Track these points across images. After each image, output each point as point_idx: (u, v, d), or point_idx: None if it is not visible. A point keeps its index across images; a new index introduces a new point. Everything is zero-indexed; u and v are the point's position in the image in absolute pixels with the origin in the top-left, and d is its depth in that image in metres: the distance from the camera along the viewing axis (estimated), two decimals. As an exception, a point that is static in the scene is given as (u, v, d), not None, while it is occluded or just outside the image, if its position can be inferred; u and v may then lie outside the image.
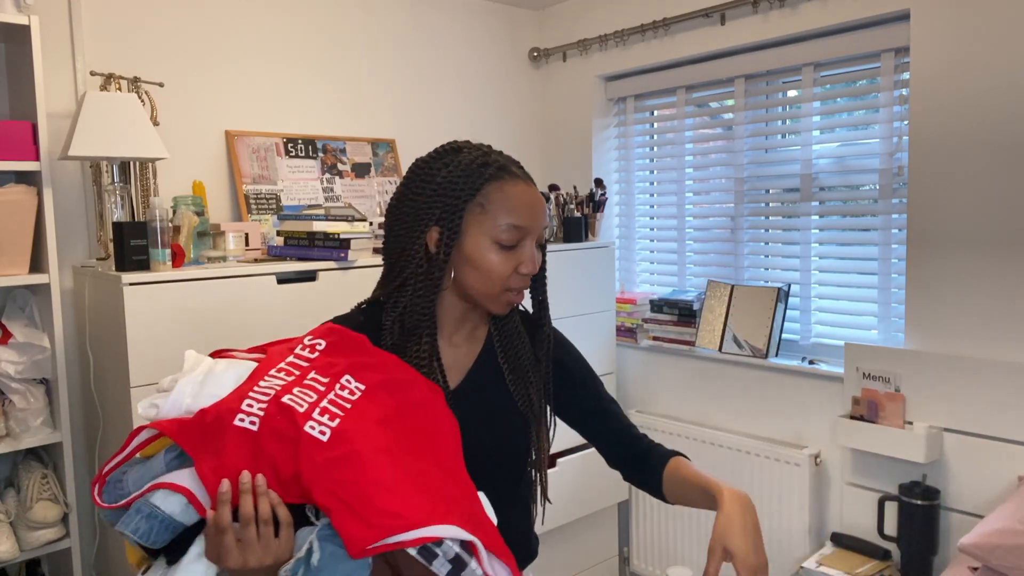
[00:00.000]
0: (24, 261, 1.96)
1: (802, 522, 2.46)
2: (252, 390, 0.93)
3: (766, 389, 2.64)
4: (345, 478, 0.86)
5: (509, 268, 1.08)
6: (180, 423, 0.90)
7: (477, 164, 1.08)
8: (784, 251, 2.68)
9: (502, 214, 1.07)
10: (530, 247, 1.09)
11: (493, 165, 1.08)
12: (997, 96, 2.04)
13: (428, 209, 1.08)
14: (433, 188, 1.08)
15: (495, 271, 1.08)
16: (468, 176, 1.07)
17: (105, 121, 1.96)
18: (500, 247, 1.07)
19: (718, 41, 2.68)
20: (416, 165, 1.13)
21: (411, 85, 2.96)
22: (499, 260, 1.07)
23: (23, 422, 1.99)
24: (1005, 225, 2.05)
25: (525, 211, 1.07)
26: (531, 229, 1.08)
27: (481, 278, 1.08)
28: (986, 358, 2.08)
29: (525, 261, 1.09)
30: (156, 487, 0.87)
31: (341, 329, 1.04)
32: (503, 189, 1.07)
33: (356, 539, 0.83)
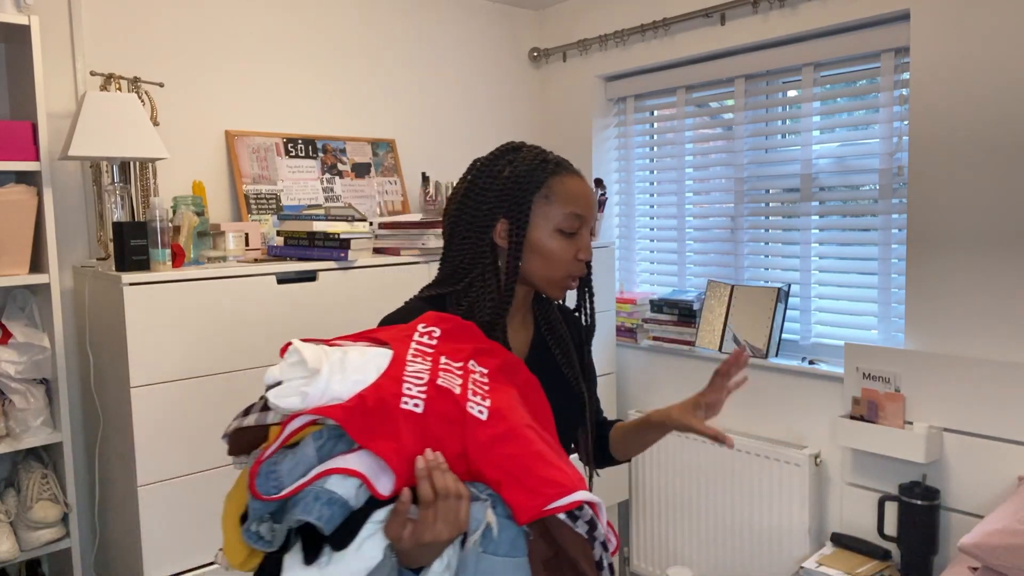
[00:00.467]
0: (24, 261, 1.96)
1: (802, 522, 2.46)
2: (405, 374, 0.96)
3: (766, 389, 2.65)
4: (510, 452, 0.93)
5: (570, 254, 1.19)
6: (344, 409, 0.90)
7: (539, 160, 1.19)
8: (784, 251, 2.68)
9: (564, 204, 1.17)
10: (586, 235, 1.21)
11: (552, 161, 1.20)
12: (997, 96, 2.04)
13: (496, 203, 1.18)
14: (500, 184, 1.18)
15: (558, 257, 1.18)
16: (533, 171, 1.17)
17: (105, 121, 1.96)
18: (562, 235, 1.18)
19: (718, 41, 2.68)
20: (479, 165, 1.22)
21: (411, 85, 2.96)
22: (561, 247, 1.18)
23: (23, 422, 1.99)
24: (1005, 225, 2.05)
25: (583, 201, 1.19)
26: (588, 218, 1.20)
27: (545, 264, 1.19)
28: (986, 358, 2.08)
29: (583, 247, 1.20)
30: (329, 472, 0.87)
31: (452, 316, 1.09)
32: (564, 182, 1.19)
33: (524, 508, 0.91)
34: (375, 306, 2.24)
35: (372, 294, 2.22)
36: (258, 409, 0.97)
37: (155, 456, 1.85)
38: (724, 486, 2.69)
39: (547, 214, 1.17)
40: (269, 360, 2.03)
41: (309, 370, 0.94)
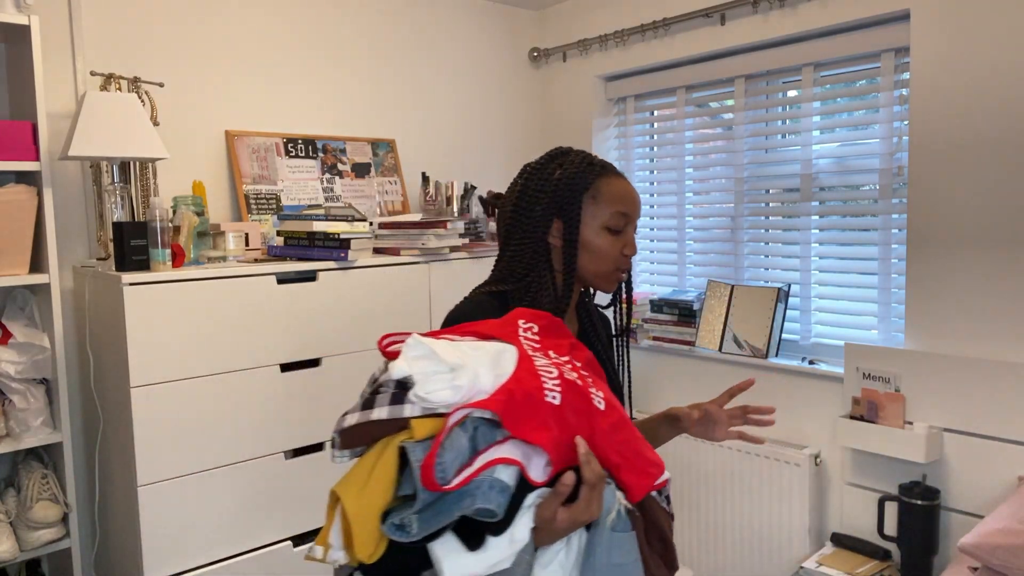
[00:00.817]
0: (24, 261, 1.96)
1: (802, 522, 2.46)
2: (538, 369, 1.02)
3: (766, 389, 2.64)
4: (625, 438, 1.03)
5: (617, 250, 1.27)
6: (500, 402, 0.95)
7: (586, 163, 1.27)
8: (784, 251, 2.68)
9: (611, 203, 1.26)
10: (631, 232, 1.29)
11: (597, 164, 1.28)
12: (997, 96, 2.04)
13: (549, 205, 1.26)
14: (552, 186, 1.26)
15: (606, 253, 1.26)
16: (582, 172, 1.26)
17: (105, 121, 1.96)
18: (609, 232, 1.26)
19: (718, 41, 2.68)
20: (531, 170, 1.29)
21: (411, 85, 2.96)
22: (609, 244, 1.26)
23: (23, 422, 1.99)
24: (1005, 225, 2.05)
25: (629, 200, 1.27)
26: (633, 216, 1.28)
27: (595, 260, 1.27)
28: (986, 358, 2.08)
29: (628, 243, 1.28)
30: (496, 462, 0.93)
31: (544, 313, 1.16)
32: (610, 183, 1.27)
33: (637, 487, 1.03)
34: (375, 306, 2.24)
35: (372, 294, 2.22)
36: (386, 403, 0.97)
37: (155, 456, 1.85)
38: (724, 486, 2.69)
39: (595, 213, 1.25)
40: (269, 360, 2.03)
41: (448, 364, 0.98)
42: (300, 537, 2.12)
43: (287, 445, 2.07)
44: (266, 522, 2.04)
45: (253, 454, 2.01)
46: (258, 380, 2.01)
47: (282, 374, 2.06)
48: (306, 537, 2.13)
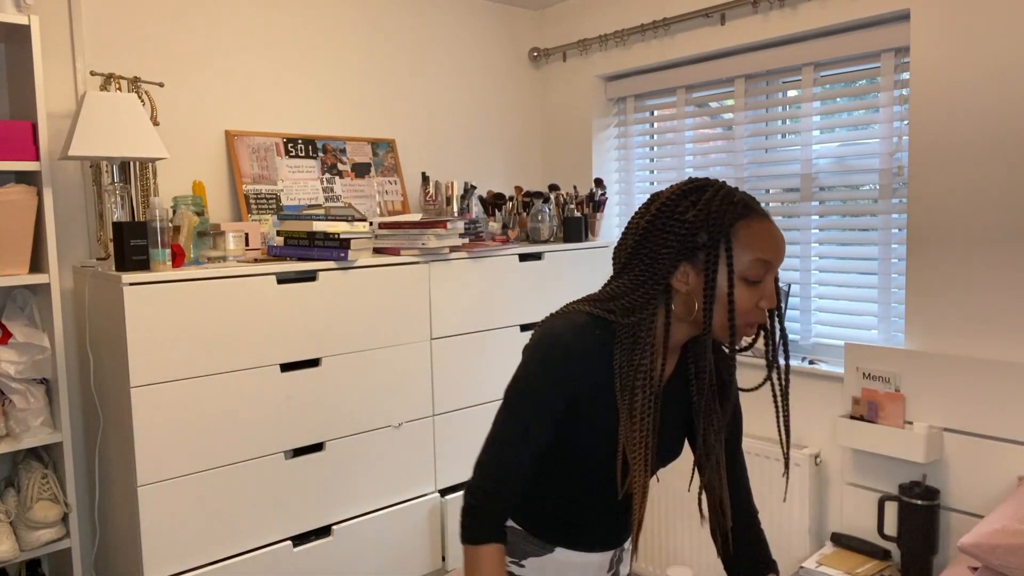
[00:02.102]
0: (24, 261, 1.96)
1: (802, 522, 2.46)
2: None
3: (766, 389, 2.64)
4: None
5: (752, 303, 1.13)
6: None
7: (727, 201, 1.12)
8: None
9: (750, 250, 1.11)
10: (771, 282, 1.14)
11: (739, 204, 1.12)
12: (997, 96, 2.04)
13: (679, 248, 1.12)
14: (684, 227, 1.12)
15: (740, 305, 1.12)
16: (718, 214, 1.11)
17: (105, 121, 1.96)
18: (746, 282, 1.12)
19: (718, 41, 2.68)
20: (662, 203, 1.16)
21: (411, 85, 2.96)
22: (744, 295, 1.12)
23: (23, 422, 1.99)
24: (1005, 225, 2.05)
25: (772, 247, 1.12)
26: (775, 264, 1.13)
27: (724, 312, 1.12)
28: (986, 358, 2.08)
29: (767, 296, 1.13)
30: None
31: None
32: (750, 226, 1.12)
33: None
34: (375, 306, 2.24)
35: (372, 294, 2.22)
36: None
37: (155, 456, 1.85)
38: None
39: (732, 260, 1.11)
40: (269, 360, 2.03)
41: None
42: (300, 537, 2.12)
43: (287, 445, 2.07)
44: (266, 522, 2.04)
45: (253, 454, 2.01)
46: (258, 380, 2.01)
47: (282, 374, 2.05)
48: (306, 537, 2.13)
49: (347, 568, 2.19)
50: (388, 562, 2.28)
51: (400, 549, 2.31)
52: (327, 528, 2.17)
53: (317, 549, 2.13)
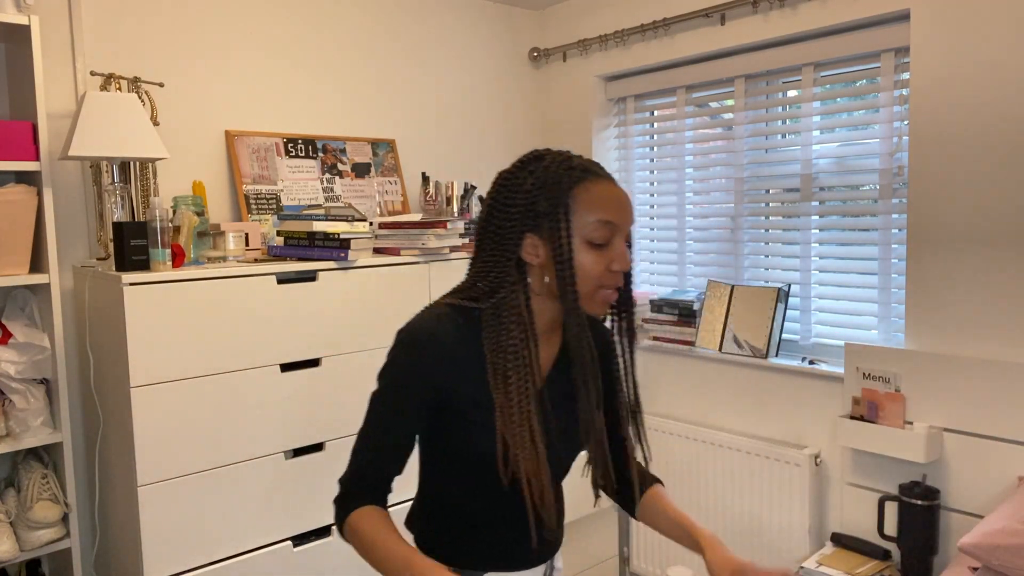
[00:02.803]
0: (24, 261, 1.96)
1: (802, 522, 2.46)
2: None
3: (766, 389, 2.64)
4: None
5: (601, 266, 1.11)
6: None
7: (563, 167, 1.11)
8: (784, 251, 2.68)
9: (591, 212, 1.09)
10: (620, 244, 1.12)
11: (577, 168, 1.11)
12: (997, 96, 2.04)
13: (521, 219, 1.11)
14: (523, 197, 1.11)
15: (589, 271, 1.10)
16: (557, 179, 1.09)
17: (105, 121, 1.96)
18: (591, 246, 1.10)
19: (718, 41, 2.68)
20: (502, 177, 1.16)
21: (411, 85, 2.96)
22: (591, 259, 1.10)
23: (23, 422, 1.99)
24: (1005, 225, 2.05)
25: (613, 207, 1.10)
26: (620, 225, 1.11)
27: (576, 279, 1.10)
28: (986, 358, 2.08)
29: (616, 258, 1.11)
30: None
31: None
32: (589, 189, 1.10)
33: None
34: (375, 306, 2.24)
35: (372, 294, 2.22)
36: None
37: (155, 456, 1.85)
38: (724, 486, 2.69)
39: (575, 225, 1.09)
40: (269, 360, 2.03)
41: None
42: (300, 537, 2.12)
43: (287, 445, 2.07)
44: (266, 522, 2.04)
45: (253, 454, 2.01)
46: (258, 380, 2.01)
47: (282, 374, 2.05)
48: (306, 537, 2.13)
49: (347, 568, 2.19)
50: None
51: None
52: (327, 528, 2.17)
53: (317, 549, 2.13)
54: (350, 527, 1.12)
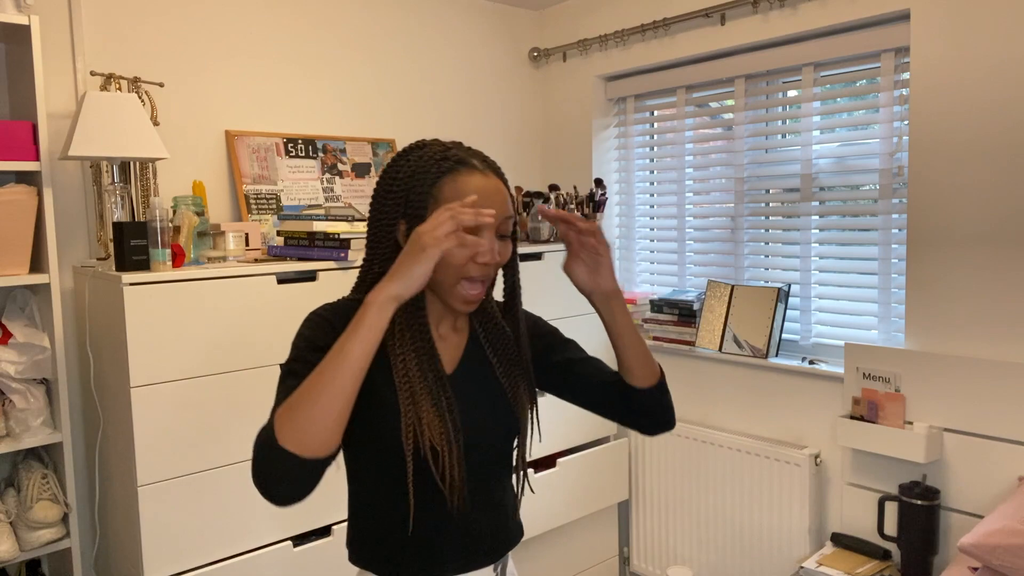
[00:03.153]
0: (24, 261, 1.96)
1: (802, 522, 2.46)
2: None
3: (766, 389, 2.64)
4: None
5: (463, 258, 1.10)
6: None
7: (435, 158, 1.13)
8: (784, 251, 2.68)
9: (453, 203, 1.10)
10: (488, 237, 1.12)
11: (451, 159, 1.13)
12: (997, 96, 2.04)
13: (395, 205, 1.13)
14: (398, 184, 1.14)
15: (449, 260, 1.10)
16: (426, 171, 1.12)
17: (105, 121, 1.96)
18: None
19: (718, 41, 2.68)
20: (387, 165, 1.18)
21: (411, 85, 2.96)
22: (455, 250, 1.07)
23: (23, 422, 1.99)
24: (1005, 225, 2.05)
25: (478, 200, 1.10)
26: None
27: (439, 268, 1.11)
28: (986, 358, 2.08)
29: (481, 251, 1.10)
30: None
31: None
32: (456, 181, 1.11)
33: None
34: (375, 306, 2.24)
35: (372, 294, 2.22)
36: None
37: (155, 456, 1.85)
38: (724, 486, 2.69)
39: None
40: (269, 360, 2.03)
41: None
42: (300, 537, 2.12)
43: (287, 445, 2.07)
44: (266, 522, 2.04)
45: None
46: (258, 380, 2.01)
47: (282, 374, 2.05)
48: (306, 537, 2.13)
49: (347, 568, 2.19)
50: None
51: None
52: (327, 528, 2.17)
53: (317, 549, 2.13)
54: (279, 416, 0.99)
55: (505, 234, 1.16)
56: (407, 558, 1.18)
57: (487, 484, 1.23)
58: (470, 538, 1.21)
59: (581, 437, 2.83)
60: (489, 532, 1.24)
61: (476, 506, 1.22)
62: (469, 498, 1.20)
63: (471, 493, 1.21)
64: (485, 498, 1.23)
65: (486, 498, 1.23)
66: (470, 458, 1.18)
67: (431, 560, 1.19)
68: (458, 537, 1.20)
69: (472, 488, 1.20)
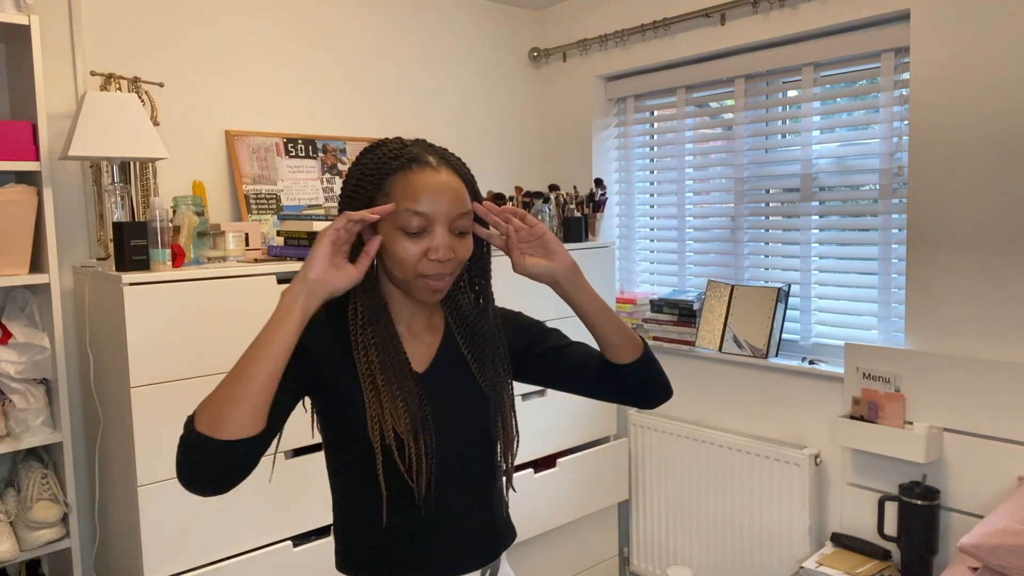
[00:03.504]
0: (24, 261, 1.96)
1: (802, 522, 2.46)
2: None
3: (766, 389, 2.64)
4: None
5: (417, 254, 1.12)
6: None
7: (389, 156, 1.14)
8: (784, 251, 2.68)
9: (402, 201, 1.11)
10: (440, 233, 1.13)
11: (404, 156, 1.14)
12: (997, 96, 2.04)
13: (352, 202, 1.15)
14: (355, 182, 1.16)
15: (403, 257, 1.12)
16: (378, 169, 1.14)
17: (105, 121, 1.96)
18: (406, 234, 1.12)
19: (718, 41, 2.68)
20: (354, 161, 1.20)
21: (411, 85, 2.96)
22: (407, 247, 1.12)
23: (23, 422, 1.99)
24: (1005, 225, 2.05)
25: (426, 198, 1.11)
26: (433, 215, 1.12)
27: (395, 265, 1.14)
28: (986, 358, 2.08)
29: (434, 247, 1.12)
30: None
31: None
32: (407, 178, 1.12)
33: None
34: (375, 306, 2.24)
35: (372, 294, 2.22)
36: None
37: (155, 456, 1.85)
38: (724, 486, 2.69)
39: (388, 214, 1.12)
40: (269, 360, 2.03)
41: None
42: (300, 537, 2.12)
43: (287, 445, 2.07)
44: (266, 522, 2.04)
45: (253, 454, 2.01)
46: (258, 380, 2.01)
47: (282, 374, 2.05)
48: (306, 537, 2.13)
49: (347, 568, 2.19)
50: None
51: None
52: (327, 528, 2.17)
53: (317, 549, 2.13)
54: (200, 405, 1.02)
55: (464, 230, 1.17)
56: (389, 560, 1.18)
57: (468, 484, 1.22)
58: (453, 540, 1.20)
59: (581, 437, 2.83)
60: (474, 535, 1.23)
61: (457, 507, 1.21)
62: (450, 498, 1.19)
63: (451, 494, 1.20)
64: (467, 499, 1.22)
65: (468, 499, 1.22)
66: (446, 456, 1.18)
67: (414, 562, 1.18)
68: (440, 539, 1.19)
69: (452, 488, 1.20)
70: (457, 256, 1.15)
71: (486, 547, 1.25)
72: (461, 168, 1.18)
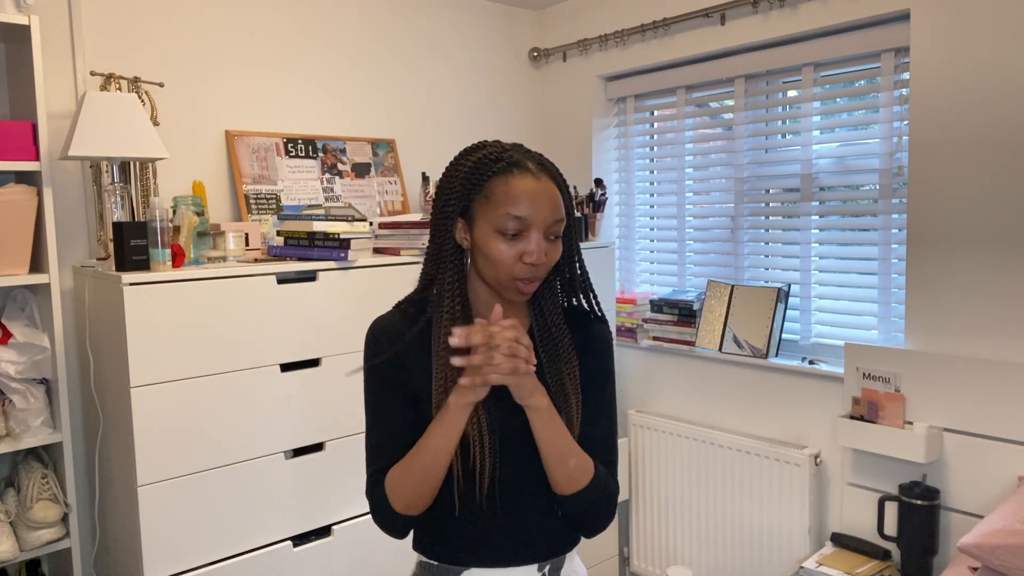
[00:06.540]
0: (24, 261, 1.96)
1: (802, 522, 2.46)
2: None
3: (766, 389, 2.64)
4: None
5: (511, 257, 1.16)
6: None
7: (490, 159, 1.17)
8: (784, 251, 2.68)
9: (501, 206, 1.15)
10: (535, 237, 1.16)
11: (505, 160, 1.17)
12: (997, 96, 2.04)
13: (453, 203, 1.18)
14: (456, 183, 1.18)
15: (499, 259, 1.16)
16: (480, 170, 1.16)
17: (105, 121, 1.96)
18: (503, 236, 1.15)
19: (718, 41, 2.68)
20: (450, 164, 1.22)
21: (411, 85, 2.96)
22: (503, 248, 1.15)
23: (23, 422, 1.99)
24: (1005, 225, 2.05)
25: (526, 203, 1.15)
26: (532, 220, 1.15)
27: (490, 265, 1.17)
28: (986, 358, 2.08)
29: (528, 251, 1.16)
30: None
31: None
32: (507, 182, 1.15)
33: None
34: (375, 306, 2.24)
35: (372, 294, 2.22)
36: None
37: (155, 456, 1.85)
38: (724, 486, 2.69)
39: (487, 214, 1.16)
40: (269, 360, 2.03)
41: None
42: (300, 537, 2.12)
43: (287, 445, 2.07)
44: (266, 522, 2.04)
45: (253, 454, 2.01)
46: (258, 380, 2.01)
47: (282, 374, 2.05)
48: (306, 537, 2.13)
49: (347, 568, 2.19)
50: (388, 562, 2.28)
51: (400, 549, 2.31)
52: (327, 528, 2.17)
53: (317, 549, 2.13)
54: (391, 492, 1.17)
55: (557, 235, 1.19)
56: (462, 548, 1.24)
57: (529, 483, 1.22)
58: (516, 535, 1.23)
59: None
60: (537, 530, 1.24)
61: (523, 503, 1.22)
62: (516, 495, 1.21)
63: (514, 493, 1.21)
64: (531, 496, 1.22)
65: (531, 496, 1.22)
66: (508, 455, 1.20)
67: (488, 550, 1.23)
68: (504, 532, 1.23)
69: (515, 487, 1.21)
70: (549, 260, 1.18)
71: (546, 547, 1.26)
72: (558, 175, 1.21)
